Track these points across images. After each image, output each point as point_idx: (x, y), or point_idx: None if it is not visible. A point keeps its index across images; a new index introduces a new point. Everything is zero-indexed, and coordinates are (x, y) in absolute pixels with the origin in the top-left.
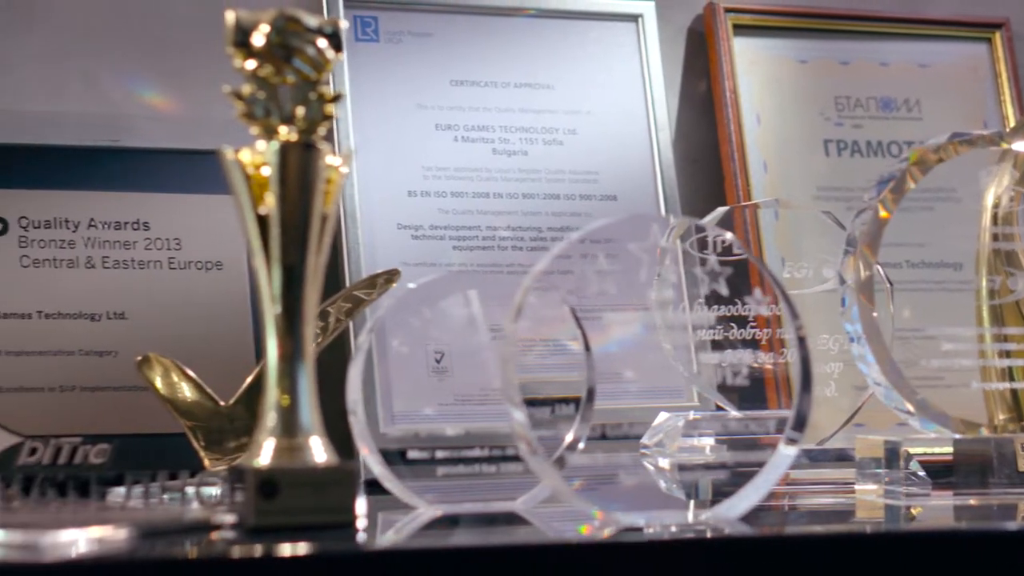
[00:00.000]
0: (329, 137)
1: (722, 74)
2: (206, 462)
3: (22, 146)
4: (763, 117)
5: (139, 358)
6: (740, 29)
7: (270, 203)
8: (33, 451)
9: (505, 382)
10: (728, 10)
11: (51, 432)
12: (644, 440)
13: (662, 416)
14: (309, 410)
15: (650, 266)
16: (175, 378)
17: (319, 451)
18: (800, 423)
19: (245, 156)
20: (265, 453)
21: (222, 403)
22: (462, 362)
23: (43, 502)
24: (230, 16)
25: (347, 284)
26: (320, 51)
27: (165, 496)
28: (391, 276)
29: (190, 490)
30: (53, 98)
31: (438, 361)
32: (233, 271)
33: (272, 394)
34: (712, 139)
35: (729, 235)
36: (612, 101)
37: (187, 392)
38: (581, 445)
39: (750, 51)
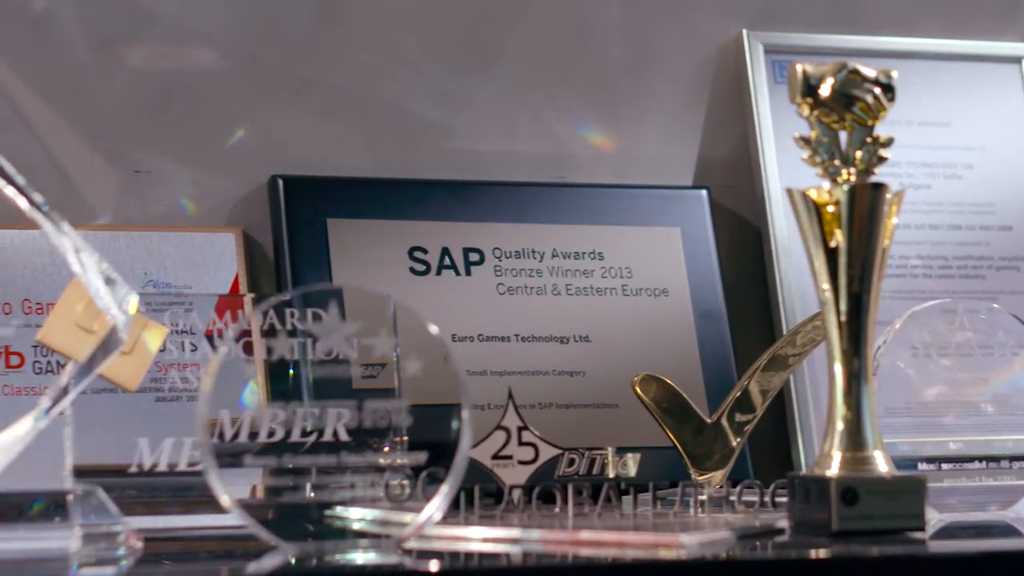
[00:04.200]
0: (753, 171)
1: None
2: (693, 473)
3: (491, 183)
4: None
5: (637, 377)
6: None
7: (839, 238)
8: (571, 462)
9: None
10: None
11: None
12: None
13: None
14: (871, 425)
15: None
16: (668, 395)
17: (882, 462)
18: None
19: (812, 194)
20: (835, 464)
21: (708, 419)
22: (888, 377)
23: (610, 507)
24: (798, 68)
25: (780, 306)
26: (877, 99)
27: (708, 502)
28: None
29: (732, 498)
30: (506, 138)
31: None
32: (678, 297)
33: (839, 410)
34: None
35: None
36: (1001, 137)
37: (678, 409)
38: None
39: None
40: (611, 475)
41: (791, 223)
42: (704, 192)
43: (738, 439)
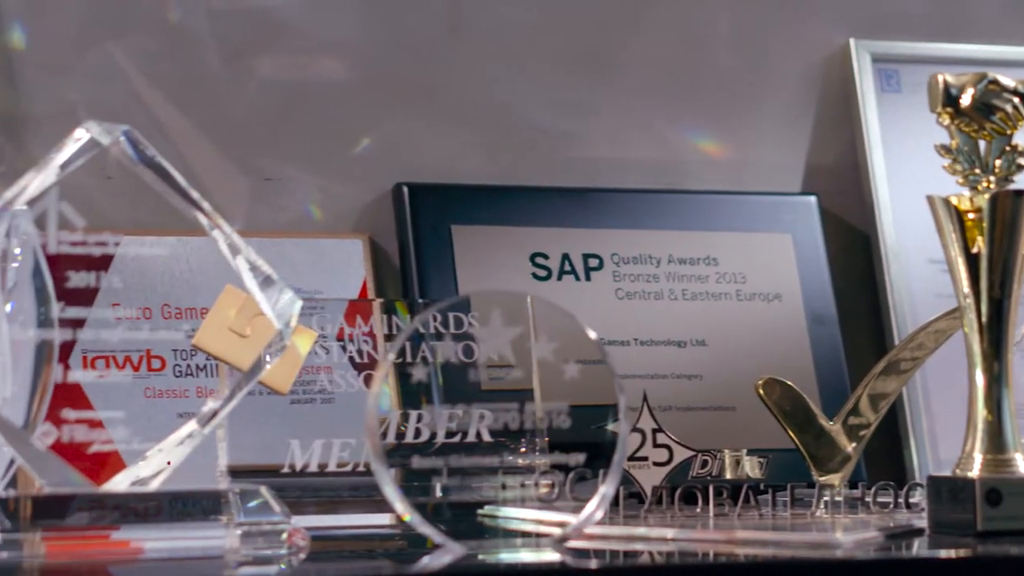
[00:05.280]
0: (862, 177)
1: None
2: (814, 475)
3: (609, 190)
4: None
5: (761, 380)
6: None
7: (981, 244)
8: (704, 463)
9: None
10: None
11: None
12: None
13: None
14: (1011, 427)
15: None
16: (790, 399)
17: (1023, 464)
18: None
19: (953, 201)
20: (977, 465)
21: (829, 423)
22: None
23: (750, 507)
24: (939, 79)
25: (891, 312)
26: (1016, 108)
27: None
28: None
29: (868, 499)
30: (622, 145)
31: None
32: (791, 303)
33: (980, 413)
34: None
35: None
36: None
37: (800, 412)
38: None
39: None
40: (742, 476)
41: (900, 230)
42: (813, 198)
43: (857, 442)
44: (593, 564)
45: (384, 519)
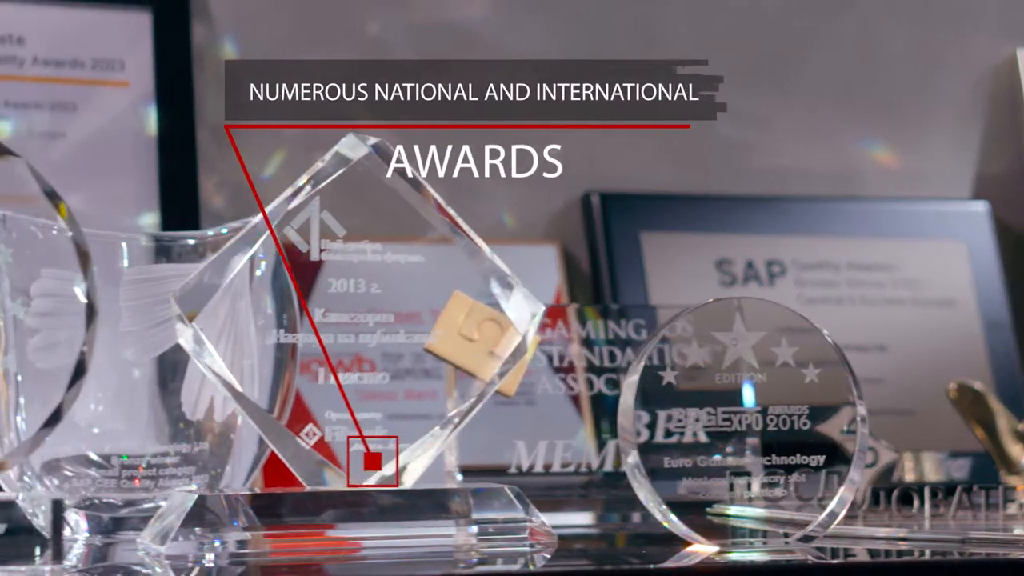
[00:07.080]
0: None
1: None
2: (1002, 475)
3: (791, 197)
4: None
5: (953, 385)
6: None
7: None
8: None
9: None
10: None
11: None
12: None
13: None
14: None
15: None
16: (980, 403)
17: None
18: None
19: None
20: None
21: (1018, 426)
22: None
23: (962, 507)
24: None
25: None
26: None
27: None
28: None
29: None
30: (802, 154)
31: None
32: (965, 309)
33: None
34: None
35: None
36: None
37: (990, 416)
38: None
39: None
40: (928, 478)
41: None
42: (985, 205)
43: None
44: (835, 561)
45: (585, 518)
